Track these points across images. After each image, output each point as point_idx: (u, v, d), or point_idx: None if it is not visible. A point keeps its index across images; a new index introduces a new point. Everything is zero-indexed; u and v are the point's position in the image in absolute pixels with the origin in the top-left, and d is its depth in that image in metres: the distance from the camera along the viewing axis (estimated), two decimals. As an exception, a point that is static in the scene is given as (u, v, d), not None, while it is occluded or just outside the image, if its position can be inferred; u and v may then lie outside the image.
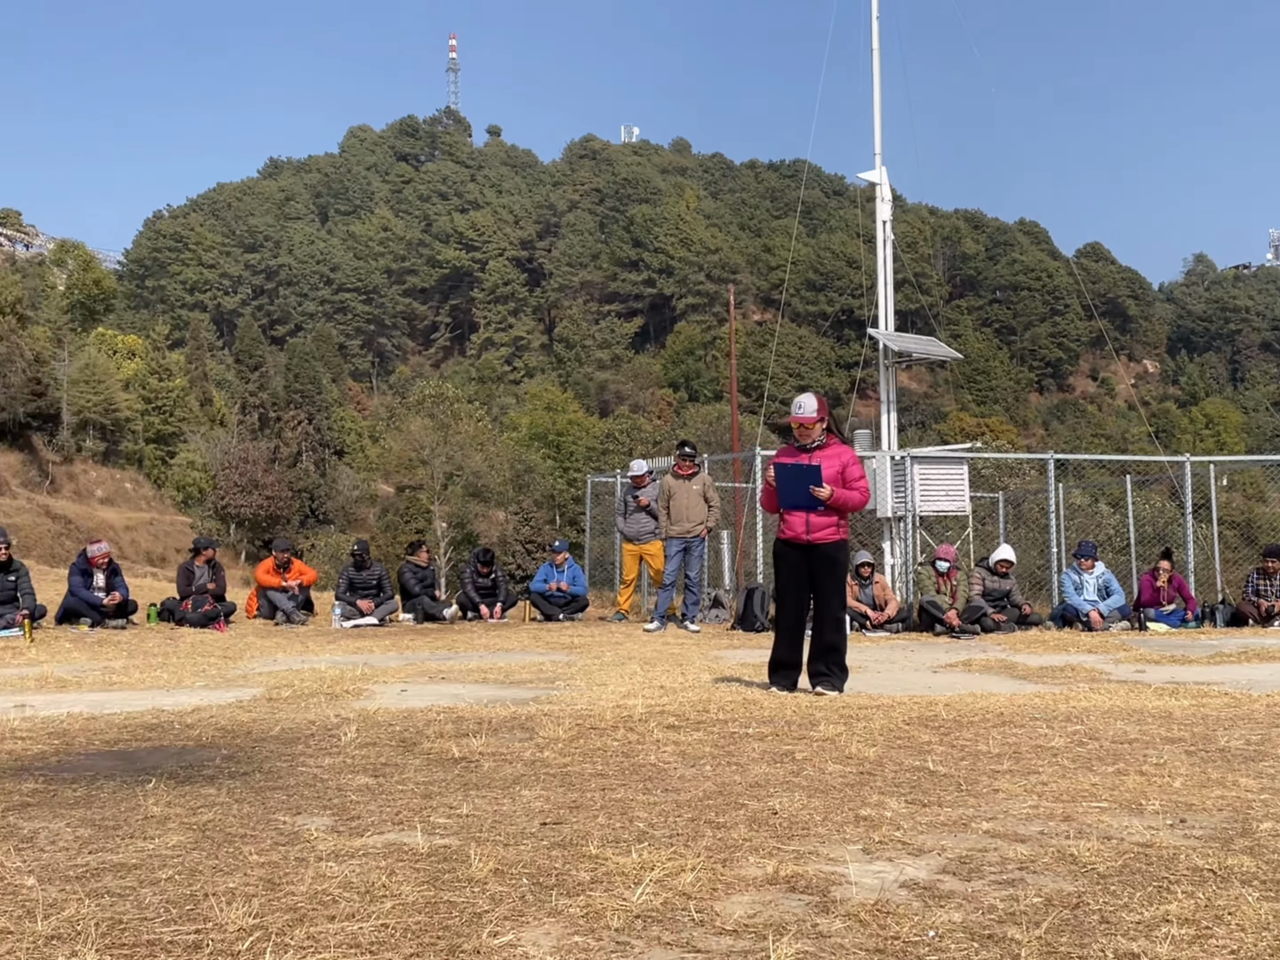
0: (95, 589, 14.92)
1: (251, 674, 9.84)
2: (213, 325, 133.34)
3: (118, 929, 3.08)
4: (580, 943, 2.97)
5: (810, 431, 8.28)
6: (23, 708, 7.55)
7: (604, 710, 7.06)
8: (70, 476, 70.51)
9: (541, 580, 16.95)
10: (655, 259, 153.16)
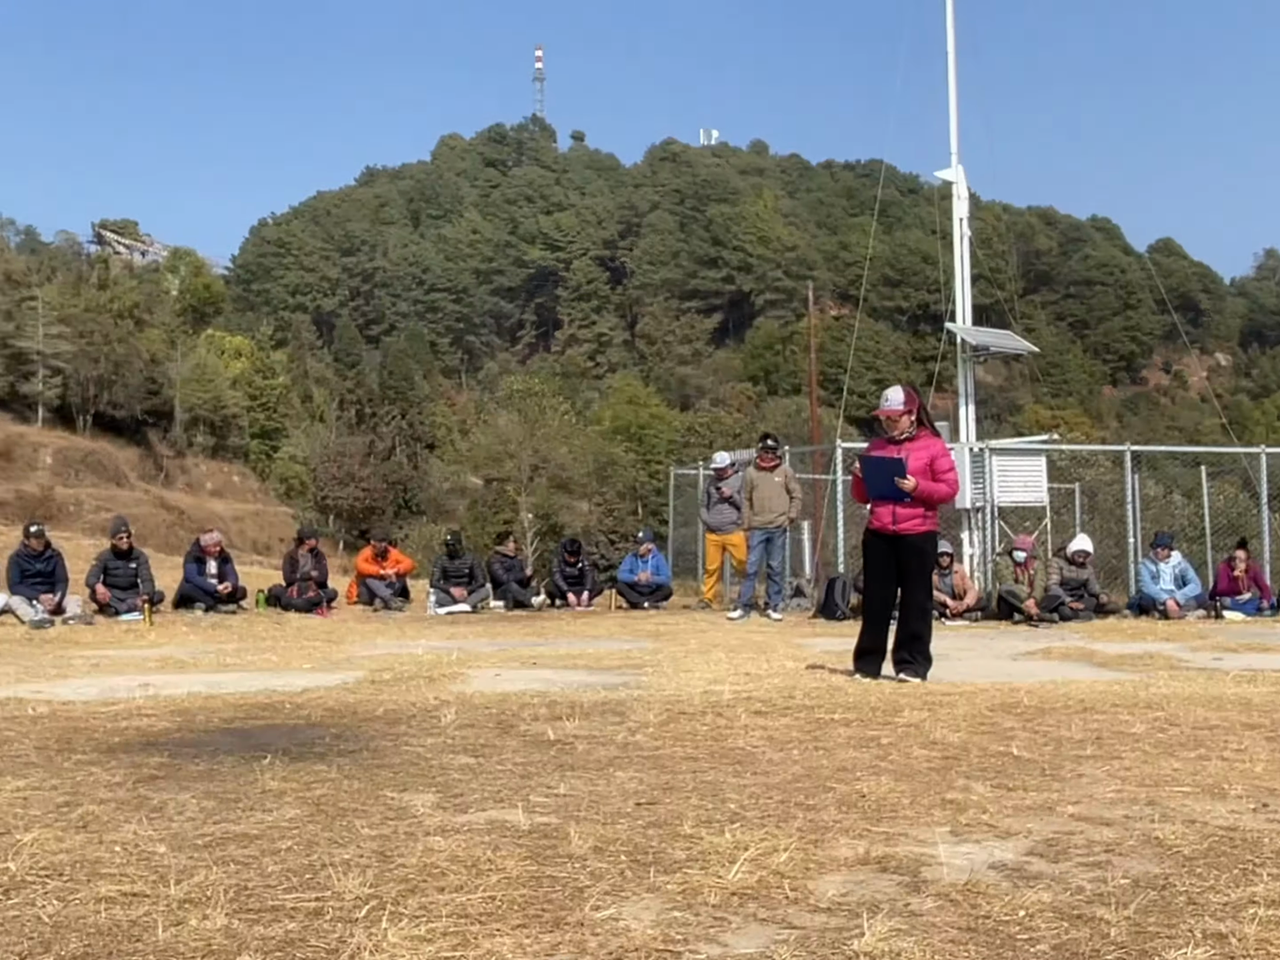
0: (209, 576, 15.21)
1: (354, 657, 9.99)
2: (313, 326, 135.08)
3: (244, 895, 3.16)
4: (679, 918, 2.99)
5: (898, 423, 8.21)
6: (146, 687, 7.73)
7: (692, 696, 7.07)
8: (183, 470, 71.96)
9: (627, 570, 16.98)
10: (734, 257, 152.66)
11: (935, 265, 23.30)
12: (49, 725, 6.12)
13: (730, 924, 2.95)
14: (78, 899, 3.13)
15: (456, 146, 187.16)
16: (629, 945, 2.77)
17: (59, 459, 58.59)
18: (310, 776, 4.73)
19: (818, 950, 2.75)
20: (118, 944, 2.79)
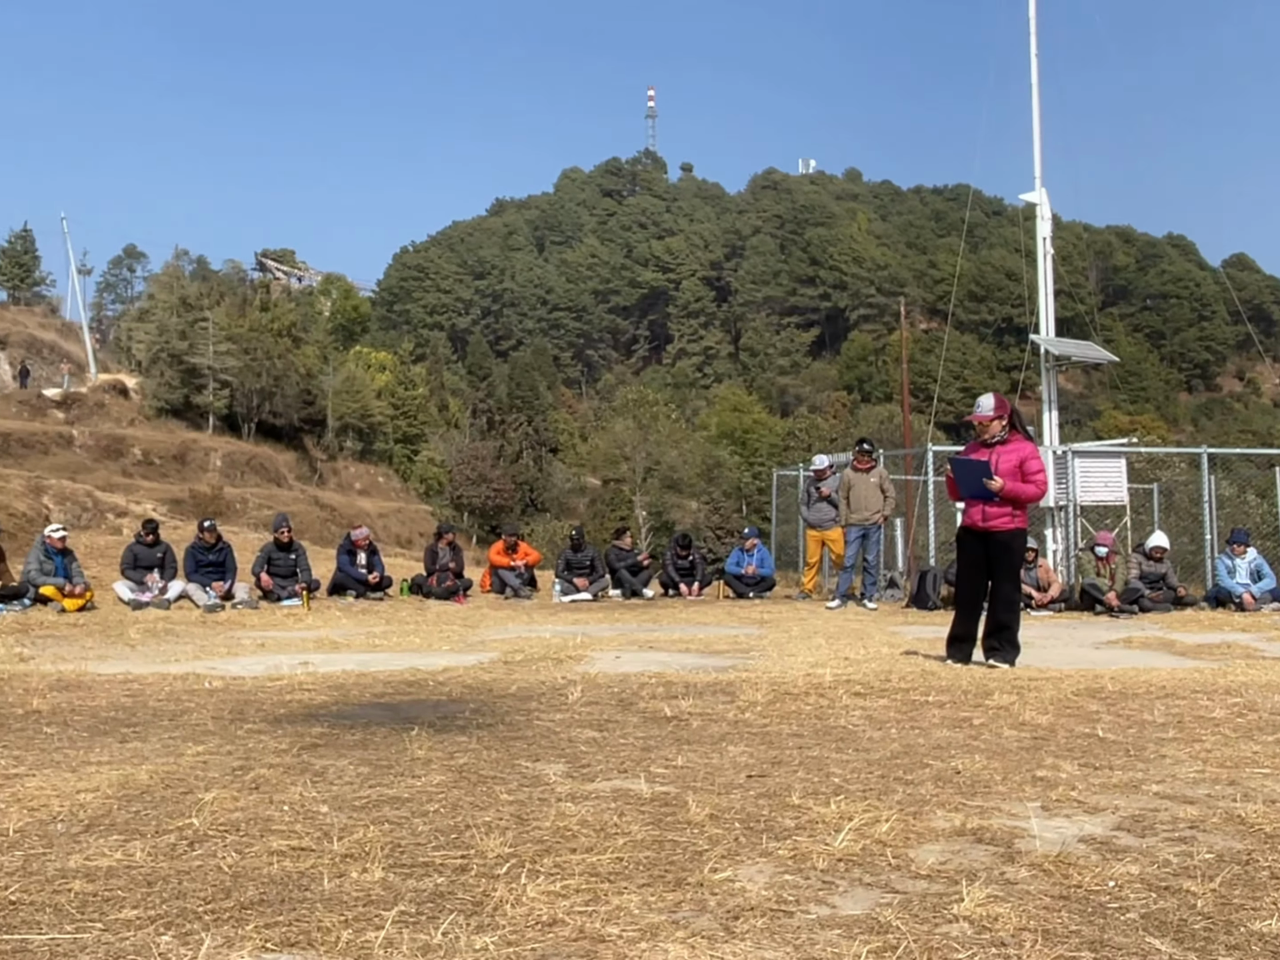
0: (358, 566, 15.49)
1: (488, 640, 10.09)
2: (449, 342, 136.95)
3: (398, 851, 3.21)
4: (790, 880, 2.97)
5: (989, 428, 8.09)
6: (306, 664, 7.90)
7: (796, 678, 7.02)
8: (334, 471, 73.37)
9: (734, 563, 16.92)
10: (830, 275, 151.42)
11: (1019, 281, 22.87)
12: (223, 698, 6.29)
13: (837, 887, 2.93)
14: (253, 852, 3.21)
15: (577, 178, 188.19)
16: (745, 904, 2.77)
17: (227, 462, 60.09)
18: (453, 746, 4.79)
19: (920, 913, 2.72)
20: (289, 892, 2.85)
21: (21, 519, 18.39)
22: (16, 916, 2.67)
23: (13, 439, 49.34)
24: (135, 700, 6.21)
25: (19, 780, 4.09)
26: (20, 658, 8.63)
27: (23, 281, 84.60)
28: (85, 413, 61.27)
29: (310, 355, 78.93)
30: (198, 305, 70.09)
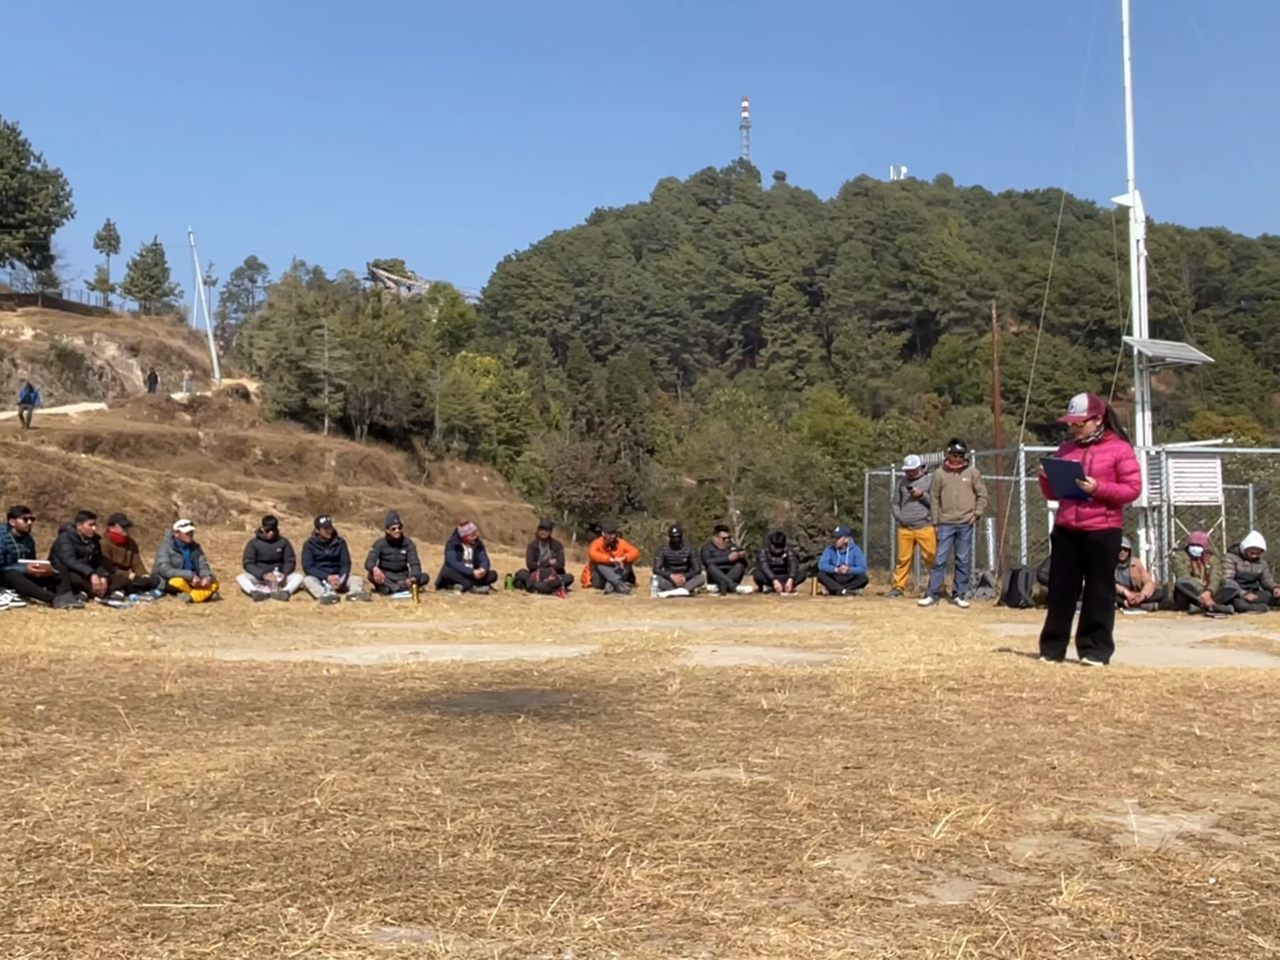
0: (465, 561, 15.69)
1: (589, 633, 10.13)
2: (550, 347, 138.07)
3: (507, 833, 3.24)
4: (888, 870, 2.94)
5: (1083, 428, 7.90)
6: (416, 654, 8.01)
7: (890, 673, 6.94)
8: (441, 471, 74.43)
9: (827, 561, 16.78)
10: (921, 280, 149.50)
11: (1111, 284, 22.32)
12: (340, 685, 6.41)
13: (935, 878, 2.89)
14: (371, 830, 3.27)
15: (673, 188, 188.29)
16: (844, 892, 2.74)
17: (341, 461, 61.27)
18: (558, 734, 4.82)
19: (1018, 904, 2.67)
20: (406, 870, 2.90)
21: (152, 515, 18.95)
22: (154, 886, 2.76)
23: (144, 440, 50.89)
24: (259, 686, 6.36)
25: (154, 759, 4.22)
26: (152, 645, 8.89)
27: (153, 292, 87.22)
28: (210, 415, 62.95)
29: (419, 360, 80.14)
30: (314, 313, 71.60)
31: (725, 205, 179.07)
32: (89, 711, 5.36)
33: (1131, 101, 18.35)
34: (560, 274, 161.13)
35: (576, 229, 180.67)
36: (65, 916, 2.51)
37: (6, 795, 3.66)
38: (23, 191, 69.38)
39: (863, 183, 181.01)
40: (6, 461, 17.67)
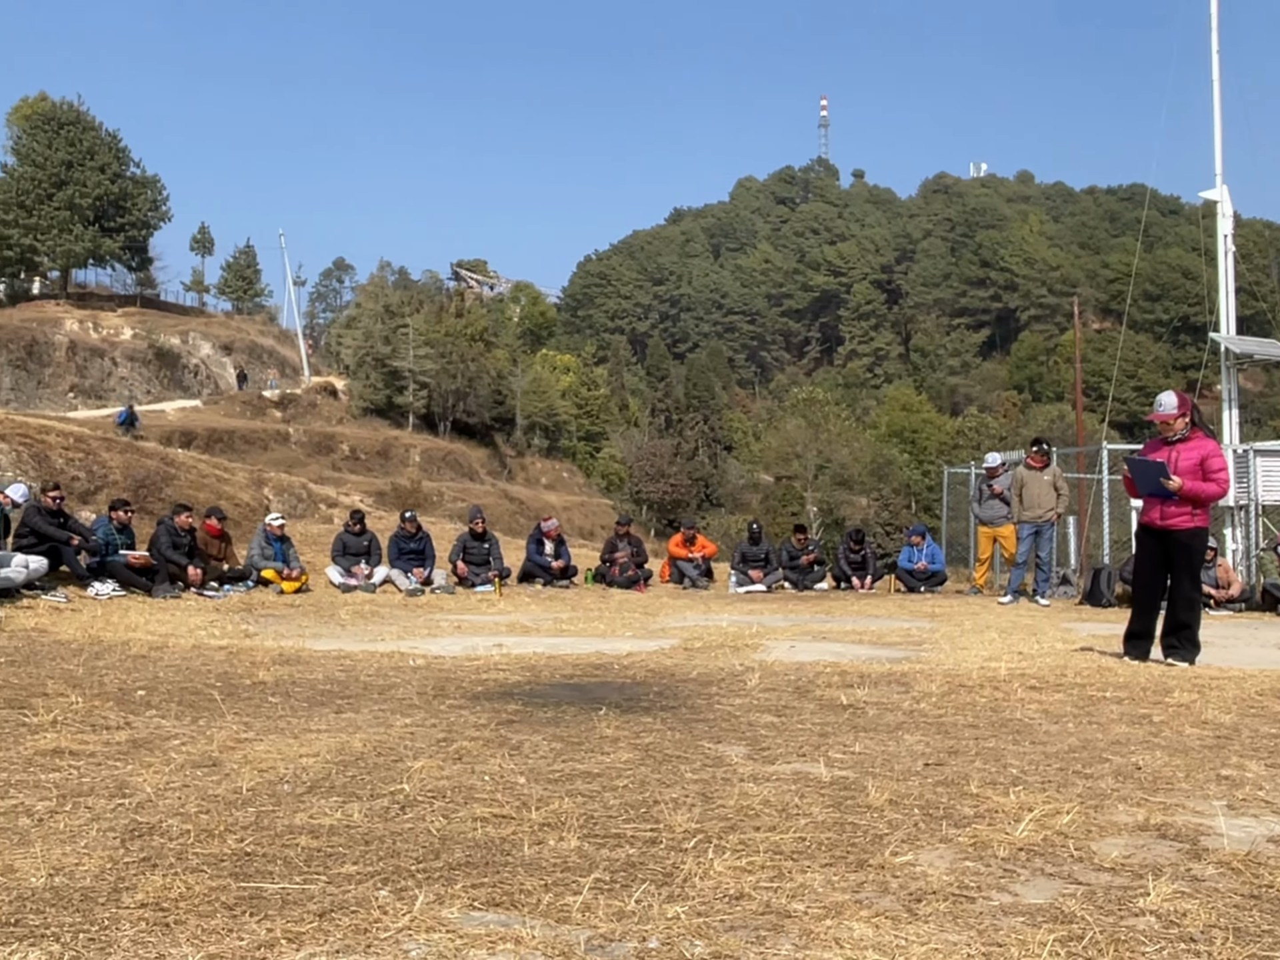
0: (546, 555, 15.79)
1: (669, 628, 10.14)
2: (629, 345, 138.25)
3: (591, 822, 3.26)
4: (971, 867, 2.90)
5: (1171, 426, 7.71)
6: (499, 646, 8.08)
7: (970, 670, 6.85)
8: (522, 467, 74.99)
9: (906, 559, 16.60)
10: (1001, 277, 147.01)
11: (1196, 280, 21.79)
12: (426, 675, 6.49)
13: (1019, 876, 2.84)
14: (458, 817, 3.30)
15: (751, 187, 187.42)
16: (927, 888, 2.71)
17: (425, 457, 62.03)
18: (639, 726, 4.83)
19: (1104, 905, 2.61)
20: (492, 856, 2.93)
21: (245, 508, 19.35)
22: (251, 866, 2.82)
23: (237, 435, 51.98)
24: (348, 675, 6.47)
25: (249, 744, 4.31)
26: (246, 634, 9.09)
27: (245, 293, 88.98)
28: (300, 412, 64.11)
29: (501, 358, 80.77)
30: (399, 313, 72.53)
31: (803, 204, 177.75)
32: (187, 697, 5.50)
33: (1219, 95, 17.90)
34: (639, 273, 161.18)
35: (655, 228, 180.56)
36: (168, 894, 2.57)
37: (111, 776, 3.76)
38: (123, 196, 71.22)
39: (942, 180, 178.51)
40: (108, 456, 18.17)
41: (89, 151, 69.88)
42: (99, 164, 69.95)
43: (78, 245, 68.78)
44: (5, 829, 3.11)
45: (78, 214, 68.44)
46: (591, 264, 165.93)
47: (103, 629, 8.86)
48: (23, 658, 6.82)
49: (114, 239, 70.65)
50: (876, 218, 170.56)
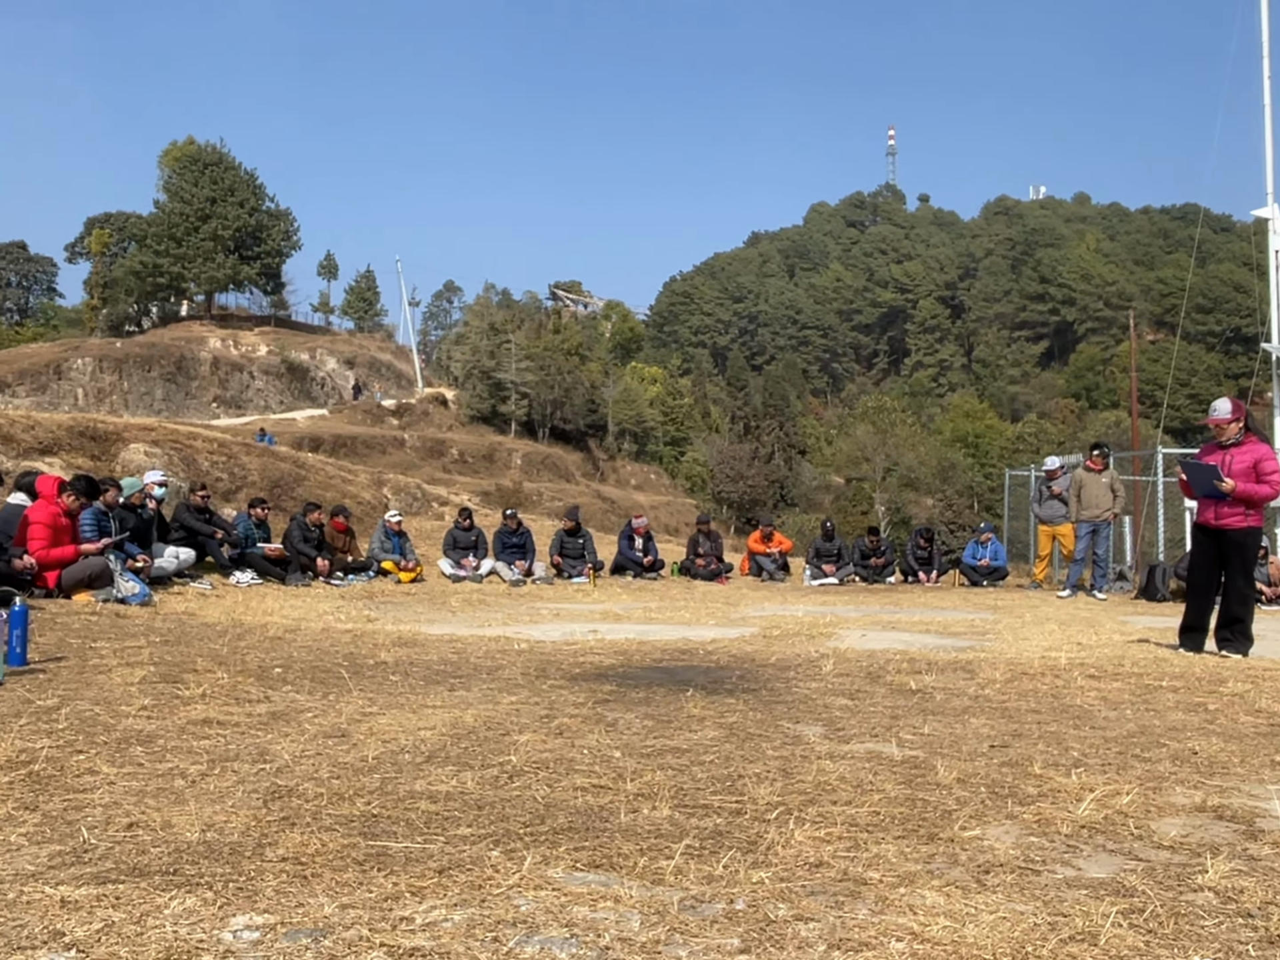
0: (636, 550, 15.83)
1: (748, 617, 10.10)
2: (710, 358, 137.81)
3: (680, 794, 3.26)
4: (1036, 842, 2.85)
5: (1225, 430, 7.46)
6: (594, 632, 8.12)
7: (1031, 659, 6.71)
8: (613, 469, 75.24)
9: (970, 555, 16.32)
10: (1059, 292, 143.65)
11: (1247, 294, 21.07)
12: (529, 658, 6.55)
13: (1082, 851, 2.78)
14: (560, 786, 3.33)
15: (824, 212, 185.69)
16: (994, 861, 2.67)
17: (525, 460, 62.58)
18: (723, 707, 4.82)
19: (1164, 880, 2.54)
20: (592, 822, 2.94)
21: (366, 506, 19.71)
22: (378, 827, 2.87)
23: (359, 441, 52.97)
24: (459, 657, 6.55)
25: (373, 718, 4.39)
26: (368, 619, 9.25)
27: (366, 313, 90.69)
28: (414, 420, 65.13)
29: (594, 370, 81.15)
30: (503, 330, 73.30)
31: (872, 226, 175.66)
32: (318, 674, 5.62)
33: (1270, 116, 17.30)
34: (720, 292, 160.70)
35: (735, 250, 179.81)
36: (305, 849, 2.64)
37: (254, 744, 3.87)
38: (259, 228, 73.06)
39: (1003, 202, 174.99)
40: (247, 460, 18.65)
41: (230, 188, 71.83)
42: (238, 199, 71.88)
43: (220, 272, 70.77)
44: (164, 789, 3.22)
45: (220, 244, 70.40)
46: (676, 284, 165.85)
47: (243, 613, 9.10)
48: (175, 638, 7.03)
49: (251, 266, 72.53)
50: (941, 238, 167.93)
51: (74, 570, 8.84)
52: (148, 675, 5.29)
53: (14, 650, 5.38)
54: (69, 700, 4.59)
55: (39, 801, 3.04)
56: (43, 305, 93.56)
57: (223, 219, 70.58)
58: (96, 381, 60.07)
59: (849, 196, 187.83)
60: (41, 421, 16.17)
